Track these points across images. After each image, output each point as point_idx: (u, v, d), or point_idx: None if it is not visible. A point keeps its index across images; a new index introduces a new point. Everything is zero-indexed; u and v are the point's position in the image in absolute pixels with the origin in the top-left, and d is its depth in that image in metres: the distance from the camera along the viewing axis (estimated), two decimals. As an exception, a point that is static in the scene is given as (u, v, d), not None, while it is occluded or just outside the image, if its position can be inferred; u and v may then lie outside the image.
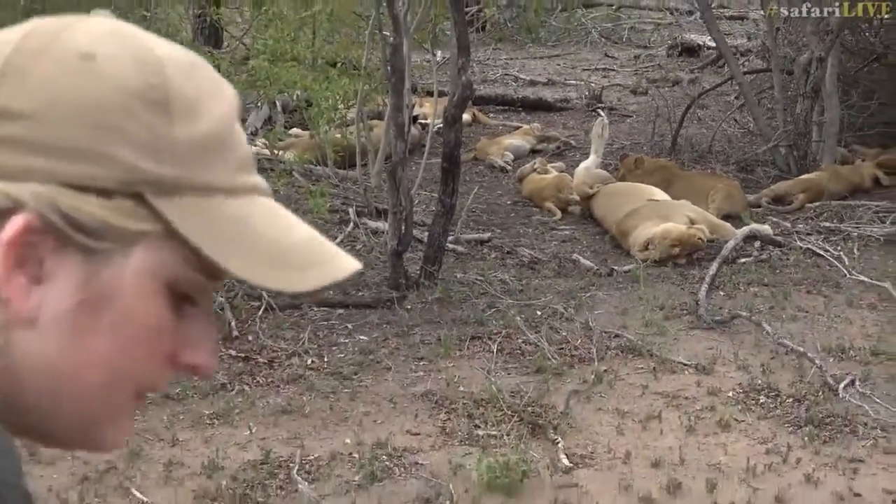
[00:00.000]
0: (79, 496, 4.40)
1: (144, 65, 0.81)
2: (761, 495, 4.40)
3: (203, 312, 0.89)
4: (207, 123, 0.84)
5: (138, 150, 0.80)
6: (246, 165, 0.89)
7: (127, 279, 0.83)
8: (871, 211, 8.58)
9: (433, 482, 4.54)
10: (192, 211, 0.83)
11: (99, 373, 0.85)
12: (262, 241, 0.85)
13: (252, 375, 5.61)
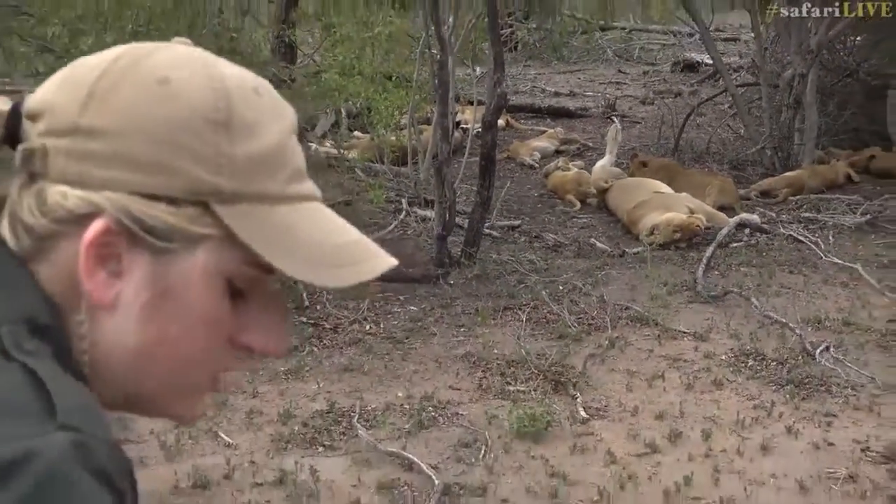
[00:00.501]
0: (175, 438, 4.43)
1: (212, 90, 0.82)
2: (749, 444, 4.38)
3: (257, 302, 0.89)
4: (263, 142, 0.84)
5: (203, 164, 0.81)
6: (297, 176, 0.89)
7: (192, 275, 0.83)
8: (844, 203, 8.51)
9: (471, 430, 4.54)
10: (248, 217, 0.83)
11: (169, 354, 0.86)
12: (307, 243, 0.85)
13: (320, 339, 5.63)
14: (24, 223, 0.82)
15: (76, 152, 0.79)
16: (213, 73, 0.83)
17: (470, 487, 4.04)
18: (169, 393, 0.89)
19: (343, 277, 0.85)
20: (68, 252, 0.81)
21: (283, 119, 0.89)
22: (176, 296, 0.84)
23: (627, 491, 4.02)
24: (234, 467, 4.19)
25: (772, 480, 4.09)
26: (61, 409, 0.71)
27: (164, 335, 0.85)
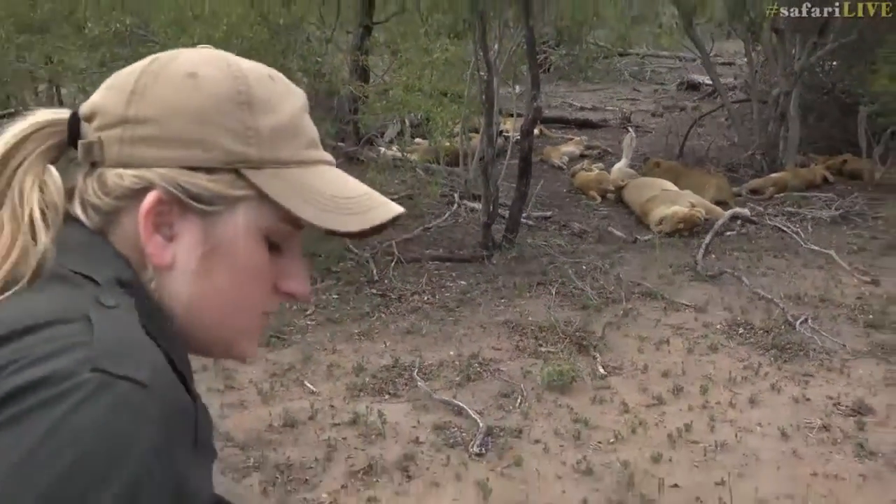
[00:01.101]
0: (269, 386, 4.46)
1: (234, 78, 0.85)
2: (739, 397, 4.34)
3: (290, 254, 0.91)
4: (281, 116, 0.87)
5: (233, 137, 0.83)
6: (314, 144, 0.91)
7: (236, 232, 0.85)
8: (821, 200, 8.40)
9: (510, 382, 4.53)
10: (274, 178, 0.85)
11: (223, 301, 0.87)
12: (324, 196, 0.87)
13: (386, 307, 5.64)
14: (92, 204, 0.84)
15: (127, 138, 0.82)
16: (233, 66, 0.86)
17: (508, 430, 4.03)
18: (225, 335, 0.91)
19: (357, 222, 0.87)
20: (131, 223, 0.83)
21: (296, 99, 0.91)
22: (224, 251, 0.85)
23: (638, 435, 4.00)
24: (317, 410, 4.22)
25: (758, 428, 4.05)
26: (99, 354, 0.69)
27: (216, 286, 0.86)
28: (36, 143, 0.84)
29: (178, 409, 0.75)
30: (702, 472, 3.67)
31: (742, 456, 3.79)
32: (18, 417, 0.65)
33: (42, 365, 0.68)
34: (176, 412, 0.74)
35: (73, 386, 0.66)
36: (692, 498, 3.48)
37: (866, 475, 3.63)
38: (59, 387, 0.66)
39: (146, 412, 0.69)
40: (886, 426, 4.05)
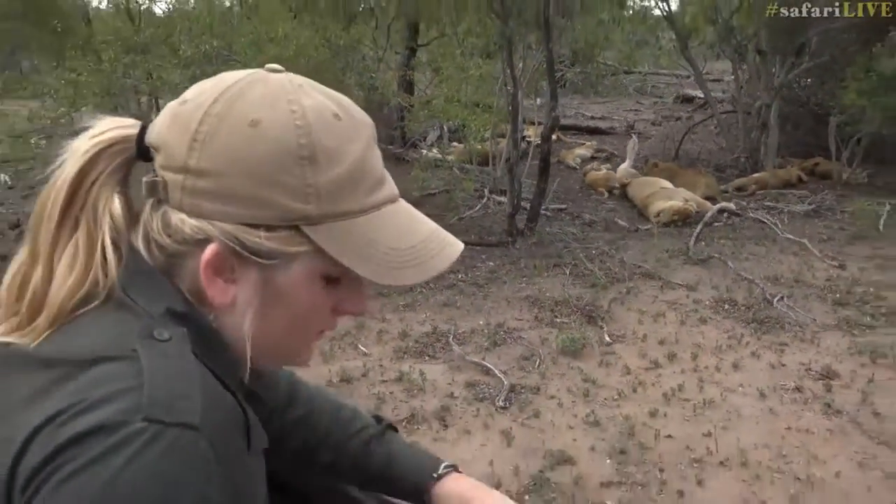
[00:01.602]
0: (329, 348, 4.49)
1: (296, 126, 0.73)
2: (724, 362, 4.30)
3: (350, 279, 0.81)
4: (344, 165, 0.76)
5: (292, 195, 0.74)
6: (376, 186, 0.79)
7: (294, 281, 0.78)
8: (796, 196, 8.28)
9: (530, 347, 4.53)
10: (332, 233, 0.76)
11: (280, 336, 0.82)
12: (384, 249, 0.78)
13: (427, 283, 5.63)
14: (156, 241, 0.77)
15: (188, 188, 0.74)
16: (296, 110, 0.74)
17: (528, 387, 4.02)
18: (282, 358, 0.88)
19: (413, 275, 0.79)
20: (193, 265, 0.76)
21: (361, 137, 0.79)
22: (282, 297, 0.79)
23: (638, 393, 3.98)
24: (368, 369, 4.24)
25: (740, 389, 4.01)
26: (149, 401, 0.65)
27: (274, 326, 0.80)
28: (107, 161, 0.78)
29: (229, 435, 0.72)
30: (692, 425, 3.64)
31: (726, 412, 3.76)
32: (77, 472, 0.62)
33: (96, 412, 0.64)
34: (226, 439, 0.71)
35: (127, 437, 0.62)
36: (683, 447, 3.46)
37: (832, 430, 3.59)
38: (112, 437, 0.62)
39: (198, 453, 0.65)
40: (850, 388, 3.99)
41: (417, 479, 1.14)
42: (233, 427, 0.74)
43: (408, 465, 1.15)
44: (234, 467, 0.71)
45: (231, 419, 0.74)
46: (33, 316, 0.75)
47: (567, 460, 3.34)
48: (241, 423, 0.76)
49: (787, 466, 3.29)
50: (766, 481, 3.19)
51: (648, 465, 3.32)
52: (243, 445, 0.76)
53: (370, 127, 0.81)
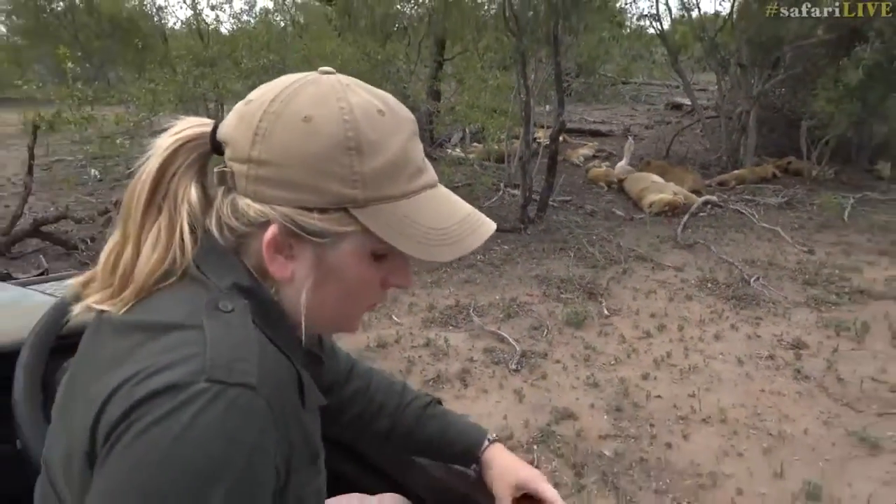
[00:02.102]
0: (366, 318, 4.47)
1: (343, 121, 0.72)
2: (706, 334, 4.24)
3: (396, 254, 0.79)
4: (387, 154, 0.74)
5: (341, 182, 0.73)
6: (417, 173, 0.77)
7: (345, 258, 0.76)
8: (771, 190, 8.18)
9: (539, 319, 4.49)
10: (377, 214, 0.74)
11: (334, 308, 0.80)
12: (424, 228, 0.75)
13: (450, 264, 5.60)
14: (227, 224, 0.76)
15: (252, 176, 0.73)
16: (344, 107, 0.73)
17: (537, 353, 3.99)
18: (335, 326, 0.84)
19: (450, 252, 0.77)
20: (257, 243, 0.75)
21: (403, 130, 0.77)
22: (334, 271, 0.77)
23: (632, 359, 3.93)
24: (400, 336, 4.23)
25: (720, 356, 3.95)
26: (212, 364, 0.65)
27: (328, 298, 0.79)
28: (185, 156, 0.78)
29: (284, 394, 0.71)
30: (678, 387, 3.60)
31: (708, 376, 3.71)
32: (150, 426, 0.62)
33: (166, 374, 0.64)
34: (282, 397, 0.70)
35: (192, 395, 0.63)
36: (671, 405, 3.41)
37: (801, 392, 3.53)
38: (180, 396, 0.63)
39: (255, 410, 0.65)
40: (817, 357, 3.92)
41: (468, 445, 1.16)
42: (288, 387, 0.73)
43: (459, 432, 1.16)
44: (290, 422, 0.71)
45: (286, 380, 0.73)
46: (122, 288, 0.76)
47: (570, 416, 3.31)
48: (295, 383, 0.76)
49: (761, 423, 3.24)
50: (742, 436, 3.14)
51: (640, 420, 3.28)
52: (298, 403, 0.75)
53: (411, 122, 0.79)
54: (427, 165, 0.79)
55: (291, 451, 0.72)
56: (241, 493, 0.63)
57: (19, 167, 7.70)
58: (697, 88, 13.37)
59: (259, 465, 0.65)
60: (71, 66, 6.14)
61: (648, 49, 12.94)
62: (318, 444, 0.82)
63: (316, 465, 0.80)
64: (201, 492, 0.61)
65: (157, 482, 0.61)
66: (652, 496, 2.73)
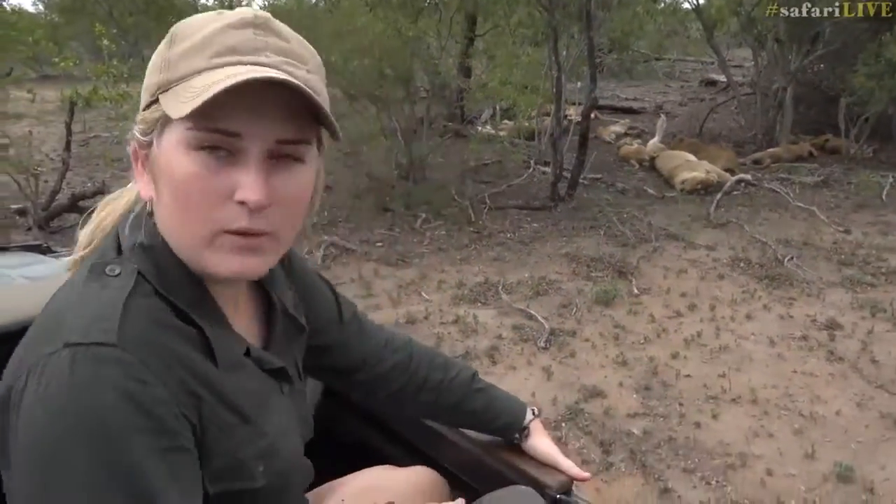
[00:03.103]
0: (397, 295, 4.51)
1: (179, 23, 0.72)
2: (738, 313, 4.19)
3: (246, 164, 0.68)
4: (195, 38, 0.69)
5: (156, 72, 0.71)
6: (225, 52, 0.68)
7: (166, 150, 0.69)
8: (807, 169, 7.98)
9: (568, 297, 4.47)
10: (172, 93, 0.69)
11: (173, 216, 0.71)
12: (191, 90, 0.66)
13: (480, 241, 5.61)
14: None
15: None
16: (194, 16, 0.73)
17: (566, 331, 3.98)
18: (190, 254, 0.73)
19: (185, 108, 0.65)
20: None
21: (227, 19, 0.70)
22: (165, 174, 0.70)
23: (661, 338, 3.90)
24: (430, 312, 4.24)
25: (752, 336, 3.90)
26: (69, 330, 0.64)
27: (165, 204, 0.72)
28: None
29: (168, 350, 0.68)
30: (708, 367, 3.57)
31: (739, 356, 3.67)
32: (19, 400, 0.63)
33: (33, 350, 0.66)
34: (162, 353, 0.67)
35: (52, 363, 0.62)
36: (700, 385, 3.39)
37: (834, 374, 3.47)
38: (39, 367, 0.63)
39: (112, 360, 0.63)
40: (851, 338, 3.85)
41: (512, 418, 1.18)
42: (178, 344, 0.70)
43: (504, 405, 1.18)
44: (186, 378, 0.69)
45: (176, 338, 0.70)
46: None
47: (599, 394, 3.30)
48: (196, 341, 0.73)
49: (792, 404, 3.20)
50: (773, 416, 3.11)
51: (669, 399, 3.26)
52: (201, 360, 0.72)
53: (245, 15, 0.71)
54: (254, 50, 0.69)
55: (199, 402, 0.70)
56: (113, 438, 0.61)
57: (57, 143, 7.83)
58: (733, 65, 13.10)
59: (129, 411, 0.62)
60: (107, 44, 6.20)
61: (683, 24, 12.68)
62: (249, 405, 0.77)
63: (251, 425, 0.77)
64: (63, 446, 0.60)
65: (28, 447, 0.61)
66: (680, 475, 2.72)
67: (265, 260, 0.73)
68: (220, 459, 0.72)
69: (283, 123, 0.69)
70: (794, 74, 9.03)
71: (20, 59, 6.81)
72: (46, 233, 5.56)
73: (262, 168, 0.69)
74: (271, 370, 0.84)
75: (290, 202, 0.72)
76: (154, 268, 0.73)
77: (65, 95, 5.95)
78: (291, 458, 0.84)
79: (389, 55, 6.00)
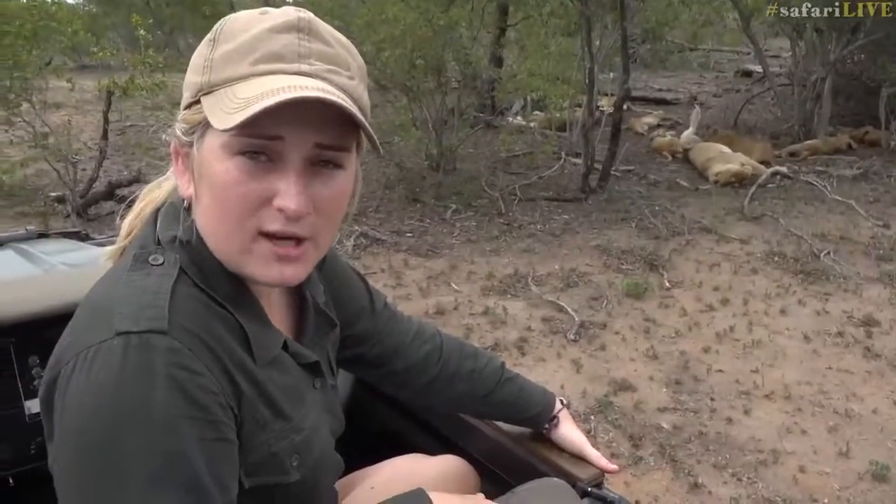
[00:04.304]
0: (426, 285, 4.51)
1: (221, 21, 0.72)
2: (772, 308, 4.12)
3: (284, 170, 0.68)
4: (238, 41, 0.69)
5: (198, 72, 0.71)
6: (269, 58, 0.68)
7: (207, 153, 0.69)
8: (845, 162, 7.81)
9: (598, 289, 4.44)
10: (215, 98, 0.68)
11: (211, 219, 0.71)
12: (235, 100, 0.66)
13: (510, 232, 5.59)
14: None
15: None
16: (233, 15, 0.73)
17: (596, 323, 3.96)
18: (229, 258, 0.73)
19: (232, 119, 0.65)
20: None
21: (270, 21, 0.69)
22: (206, 177, 0.70)
23: (693, 332, 3.86)
24: (459, 303, 4.24)
25: (786, 332, 3.84)
26: (119, 318, 0.64)
27: (205, 207, 0.72)
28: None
29: (214, 342, 0.68)
30: (741, 362, 3.52)
31: (773, 352, 3.62)
32: (68, 386, 0.64)
33: (83, 337, 0.66)
34: (210, 345, 0.68)
35: (104, 350, 0.63)
36: (732, 380, 3.35)
37: (871, 371, 3.40)
38: (89, 355, 0.64)
39: (165, 348, 0.63)
40: (889, 335, 3.77)
41: (542, 407, 1.18)
42: (223, 338, 0.71)
43: (534, 395, 1.18)
44: (230, 370, 0.69)
45: (221, 331, 0.71)
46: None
47: (628, 387, 3.28)
48: (238, 336, 0.73)
49: (827, 401, 3.15)
50: (807, 413, 3.06)
51: (700, 394, 3.23)
52: (243, 356, 0.73)
53: (287, 15, 0.70)
54: (297, 57, 0.69)
55: (240, 394, 0.70)
56: (163, 426, 0.62)
57: (95, 132, 7.97)
58: (769, 55, 12.85)
59: (179, 400, 0.63)
60: (143, 34, 6.28)
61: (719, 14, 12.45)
62: (285, 400, 0.77)
63: (287, 420, 0.77)
64: (113, 434, 0.61)
65: (77, 430, 0.62)
66: (710, 470, 2.69)
67: (304, 267, 0.74)
68: (256, 453, 0.73)
69: (323, 129, 0.69)
70: (833, 65, 8.83)
71: (60, 50, 6.92)
72: (84, 220, 5.67)
73: (301, 175, 0.69)
74: (306, 364, 0.84)
75: (329, 209, 0.72)
76: (192, 263, 0.73)
77: (102, 85, 6.05)
78: (323, 453, 0.84)
79: (421, 45, 5.98)
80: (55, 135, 5.91)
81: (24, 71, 5.64)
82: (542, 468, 1.14)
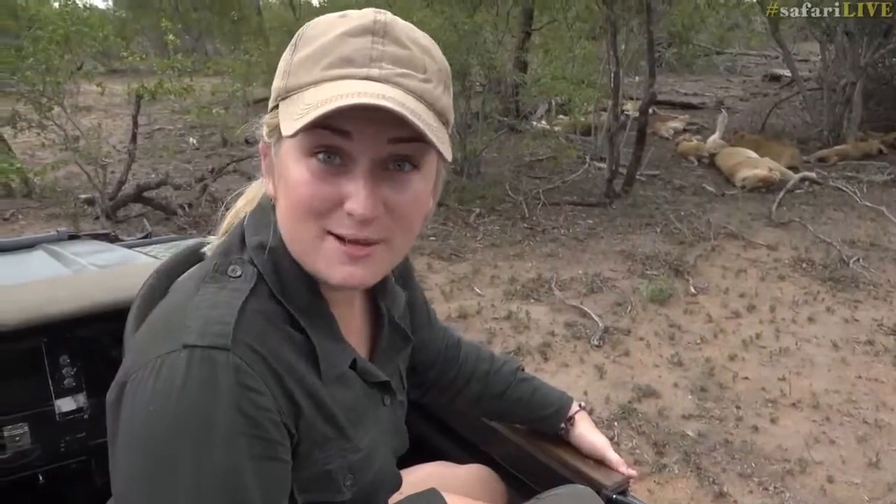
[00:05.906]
0: (449, 289, 4.51)
1: (304, 27, 0.73)
2: (800, 316, 4.06)
3: (354, 173, 0.68)
4: (314, 46, 0.69)
5: (280, 76, 0.72)
6: (340, 63, 0.68)
7: (284, 155, 0.71)
8: (876, 167, 7.68)
9: (623, 295, 4.41)
10: (290, 102, 0.69)
11: (287, 219, 0.72)
12: (302, 105, 0.66)
13: (533, 237, 5.58)
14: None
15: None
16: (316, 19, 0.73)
17: (620, 329, 3.93)
18: (303, 256, 0.73)
19: (293, 125, 0.65)
20: None
21: (345, 25, 0.69)
22: (283, 178, 0.71)
23: (718, 339, 3.82)
24: (482, 307, 4.24)
25: (814, 339, 3.78)
26: (188, 332, 0.65)
27: (282, 207, 0.73)
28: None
29: (277, 360, 0.69)
30: (767, 370, 3.47)
31: (800, 360, 3.56)
32: (134, 397, 0.65)
33: (152, 347, 0.67)
34: (272, 363, 0.68)
35: (168, 363, 0.64)
36: (759, 388, 3.30)
37: (902, 381, 3.34)
38: (155, 365, 0.65)
39: (225, 365, 0.64)
40: (921, 344, 3.70)
41: (558, 407, 1.18)
42: (289, 355, 0.71)
43: (550, 395, 1.19)
44: (291, 388, 0.70)
45: (287, 348, 0.71)
46: None
47: (652, 394, 3.25)
48: (306, 353, 0.73)
49: (856, 411, 3.09)
50: (835, 423, 3.01)
51: (726, 402, 3.19)
52: (308, 373, 0.73)
53: (363, 18, 0.70)
54: (368, 61, 0.68)
55: (299, 413, 0.70)
56: (219, 441, 0.62)
57: (124, 135, 8.09)
58: (798, 59, 12.69)
59: (236, 416, 0.63)
60: (172, 39, 6.36)
61: (747, 17, 12.31)
62: (347, 418, 0.77)
63: (346, 439, 0.77)
64: (170, 446, 0.62)
65: (138, 438, 0.63)
66: (736, 479, 2.66)
67: (373, 270, 0.72)
68: (311, 470, 0.73)
69: (394, 127, 0.67)
70: (864, 69, 8.70)
71: (90, 54, 7.04)
72: (113, 221, 5.75)
73: (370, 178, 0.68)
74: (375, 383, 0.84)
75: (403, 211, 0.71)
76: (273, 270, 0.74)
77: (131, 89, 6.14)
78: (382, 472, 0.84)
79: (446, 49, 5.96)
80: (85, 138, 6.01)
81: (56, 75, 5.73)
82: (566, 474, 1.14)
